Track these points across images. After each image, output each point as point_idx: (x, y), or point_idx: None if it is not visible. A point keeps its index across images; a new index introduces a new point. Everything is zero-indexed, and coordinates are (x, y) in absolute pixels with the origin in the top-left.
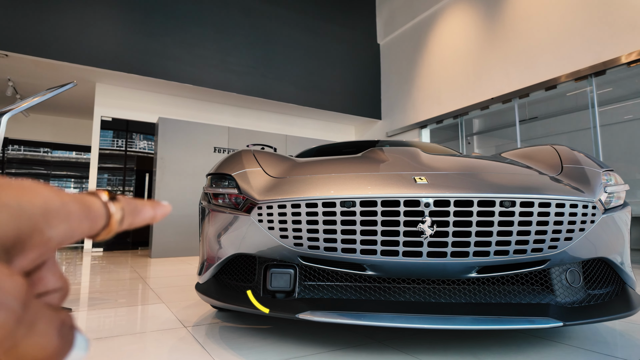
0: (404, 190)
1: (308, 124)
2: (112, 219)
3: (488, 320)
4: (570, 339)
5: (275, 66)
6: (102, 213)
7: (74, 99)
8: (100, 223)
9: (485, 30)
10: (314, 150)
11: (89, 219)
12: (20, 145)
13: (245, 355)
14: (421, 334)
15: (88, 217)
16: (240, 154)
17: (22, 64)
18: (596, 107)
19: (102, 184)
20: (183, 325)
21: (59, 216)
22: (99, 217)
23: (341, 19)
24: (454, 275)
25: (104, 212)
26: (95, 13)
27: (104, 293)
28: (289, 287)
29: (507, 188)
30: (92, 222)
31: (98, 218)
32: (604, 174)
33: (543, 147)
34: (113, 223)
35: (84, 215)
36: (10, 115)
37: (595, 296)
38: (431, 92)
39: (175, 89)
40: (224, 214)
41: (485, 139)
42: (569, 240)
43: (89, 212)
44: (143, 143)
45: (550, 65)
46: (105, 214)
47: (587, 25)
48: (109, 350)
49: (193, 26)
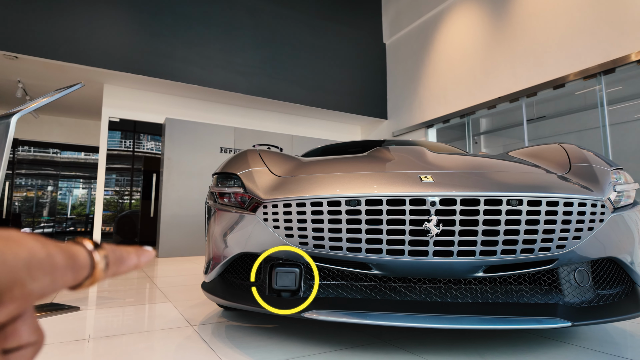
0: (409, 188)
1: (314, 124)
2: (96, 269)
3: (495, 320)
4: (578, 340)
5: (281, 66)
6: (87, 263)
7: (83, 100)
8: (84, 273)
9: (492, 28)
10: (319, 150)
11: (73, 269)
12: (30, 146)
13: (251, 354)
14: (427, 333)
15: (72, 268)
16: (246, 154)
17: (31, 66)
18: (605, 106)
19: (110, 184)
20: (189, 324)
21: (42, 269)
22: (84, 267)
23: (347, 18)
24: (460, 274)
25: (88, 262)
26: (103, 15)
27: (112, 292)
28: (295, 286)
29: (514, 186)
30: (76, 272)
31: (82, 268)
32: (614, 172)
33: (551, 146)
34: (97, 272)
35: (68, 266)
36: (20, 115)
37: (604, 296)
38: (437, 91)
39: (182, 89)
40: (229, 213)
41: (492, 139)
42: (577, 239)
43: (74, 262)
44: (150, 144)
45: (558, 64)
46: (89, 264)
47: (596, 23)
48: (116, 348)
49: (199, 27)
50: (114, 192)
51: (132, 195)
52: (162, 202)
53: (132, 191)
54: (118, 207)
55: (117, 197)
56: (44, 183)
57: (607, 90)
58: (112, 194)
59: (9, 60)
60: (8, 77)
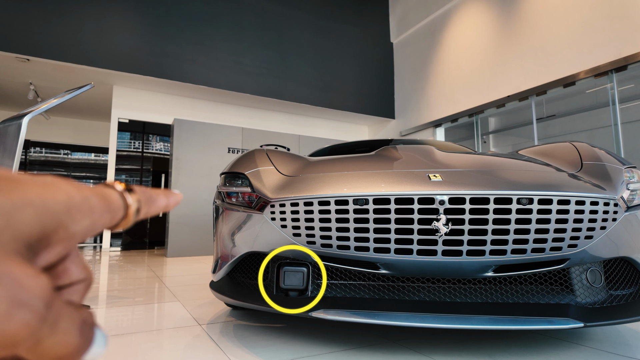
0: (417, 187)
1: (321, 124)
2: (129, 210)
3: (505, 321)
4: (591, 341)
5: (288, 67)
6: (120, 205)
7: (92, 102)
8: (119, 214)
9: (500, 26)
10: (327, 150)
11: (109, 211)
12: (42, 147)
13: (259, 353)
14: (436, 334)
15: (108, 210)
16: (254, 153)
17: (43, 68)
18: (617, 104)
19: None
20: (198, 323)
21: (81, 211)
22: (118, 209)
23: (354, 18)
24: (469, 274)
25: (122, 204)
26: (112, 18)
27: (122, 291)
28: (302, 285)
29: (524, 185)
30: (112, 214)
31: (117, 210)
32: (626, 170)
33: (562, 144)
34: (130, 213)
35: (104, 208)
36: (31, 116)
37: (617, 297)
38: (445, 90)
39: (190, 90)
40: (237, 213)
41: (501, 138)
42: (589, 238)
43: (109, 204)
44: (159, 144)
45: (568, 62)
46: (123, 205)
47: (607, 20)
48: (126, 347)
49: (207, 28)
50: None
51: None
52: None
53: None
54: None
55: None
56: None
57: (618, 88)
58: None
59: (20, 63)
60: (20, 79)
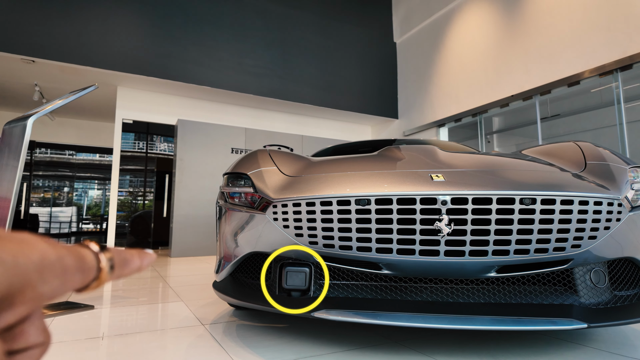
0: (420, 187)
1: (324, 124)
2: (102, 271)
3: (508, 321)
4: (595, 342)
5: (291, 67)
6: (94, 265)
7: (97, 103)
8: (91, 275)
9: (504, 25)
10: (329, 150)
11: (82, 271)
12: (47, 148)
13: (262, 353)
14: (439, 334)
15: (81, 270)
16: (256, 154)
17: (48, 69)
18: (622, 103)
19: (124, 185)
20: (201, 323)
21: (53, 271)
22: (91, 269)
23: (357, 18)
24: (472, 274)
25: (95, 264)
26: (117, 19)
27: (126, 291)
28: (305, 285)
29: (527, 185)
30: (84, 274)
31: (90, 270)
32: (631, 170)
33: (565, 144)
34: (103, 274)
35: (77, 269)
36: (36, 117)
37: (621, 297)
38: (449, 90)
39: (193, 91)
40: (240, 213)
41: (505, 138)
42: (593, 239)
43: (82, 264)
44: (163, 145)
45: (572, 61)
46: (96, 266)
47: (612, 18)
48: (129, 346)
49: (211, 29)
50: (128, 192)
51: (146, 196)
52: (174, 203)
53: (146, 192)
54: (132, 207)
55: (131, 197)
56: (60, 184)
57: (623, 87)
58: (126, 195)
59: (26, 64)
60: (25, 80)
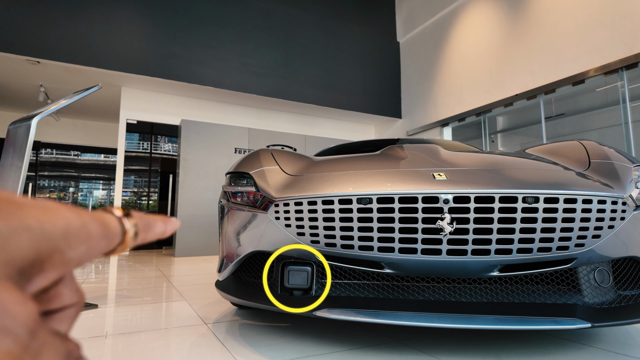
0: (421, 186)
1: (327, 124)
2: (127, 236)
3: (511, 320)
4: (599, 342)
5: (294, 67)
6: (118, 231)
7: (101, 103)
8: (116, 240)
9: (508, 24)
10: (332, 149)
11: (107, 237)
12: (52, 148)
13: (264, 352)
14: (441, 334)
15: (106, 236)
16: (259, 153)
17: (53, 70)
18: (628, 102)
19: (129, 185)
20: (204, 322)
21: (79, 237)
22: (116, 235)
23: (360, 18)
24: (474, 273)
25: (119, 230)
26: (121, 20)
27: (130, 291)
28: (307, 284)
29: (530, 184)
30: (109, 240)
31: (115, 236)
32: (636, 169)
33: (569, 143)
34: (128, 239)
35: (102, 235)
36: (40, 117)
37: (626, 297)
38: (453, 89)
39: (197, 91)
40: (242, 212)
41: (509, 137)
42: (597, 238)
43: (106, 230)
44: (167, 145)
45: (577, 59)
46: (120, 231)
47: (617, 16)
48: (132, 345)
49: (214, 29)
50: (132, 193)
51: (150, 196)
52: (178, 203)
53: (150, 192)
54: (136, 207)
55: (136, 197)
56: (65, 184)
57: (629, 86)
58: (131, 195)
59: (31, 65)
60: (30, 81)
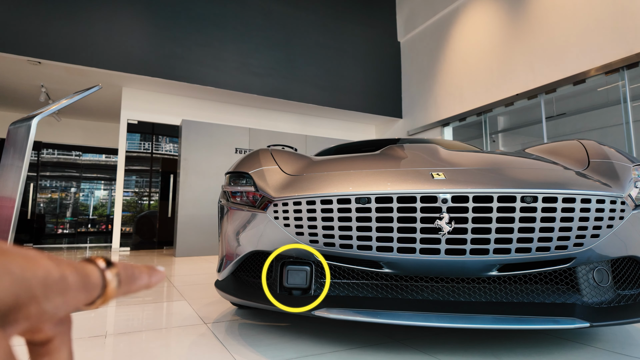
0: (420, 185)
1: (328, 124)
2: (108, 288)
3: (510, 320)
4: (598, 342)
5: (295, 67)
6: (99, 282)
7: (102, 103)
8: (96, 292)
9: (508, 24)
10: (332, 149)
11: (86, 289)
12: (54, 149)
13: (263, 351)
14: (440, 333)
15: (85, 288)
16: (258, 153)
17: (54, 71)
18: (629, 102)
19: (130, 185)
20: (203, 322)
21: (57, 289)
22: (96, 287)
23: (361, 18)
24: (473, 273)
25: (100, 281)
26: (122, 21)
27: None
28: (305, 284)
29: (528, 183)
30: (89, 292)
31: (94, 288)
32: (635, 168)
33: (569, 142)
34: (109, 291)
35: (81, 286)
36: (40, 118)
37: (625, 297)
38: (453, 89)
39: (197, 91)
40: (241, 212)
41: (510, 137)
42: (595, 237)
43: (86, 282)
44: (168, 145)
45: (578, 59)
46: (101, 283)
47: (618, 15)
48: (132, 345)
49: (215, 30)
50: (133, 193)
51: (151, 196)
52: (179, 203)
53: (151, 192)
54: (137, 207)
55: (137, 198)
56: (67, 185)
57: (630, 86)
58: (132, 195)
59: (32, 66)
60: (32, 82)
